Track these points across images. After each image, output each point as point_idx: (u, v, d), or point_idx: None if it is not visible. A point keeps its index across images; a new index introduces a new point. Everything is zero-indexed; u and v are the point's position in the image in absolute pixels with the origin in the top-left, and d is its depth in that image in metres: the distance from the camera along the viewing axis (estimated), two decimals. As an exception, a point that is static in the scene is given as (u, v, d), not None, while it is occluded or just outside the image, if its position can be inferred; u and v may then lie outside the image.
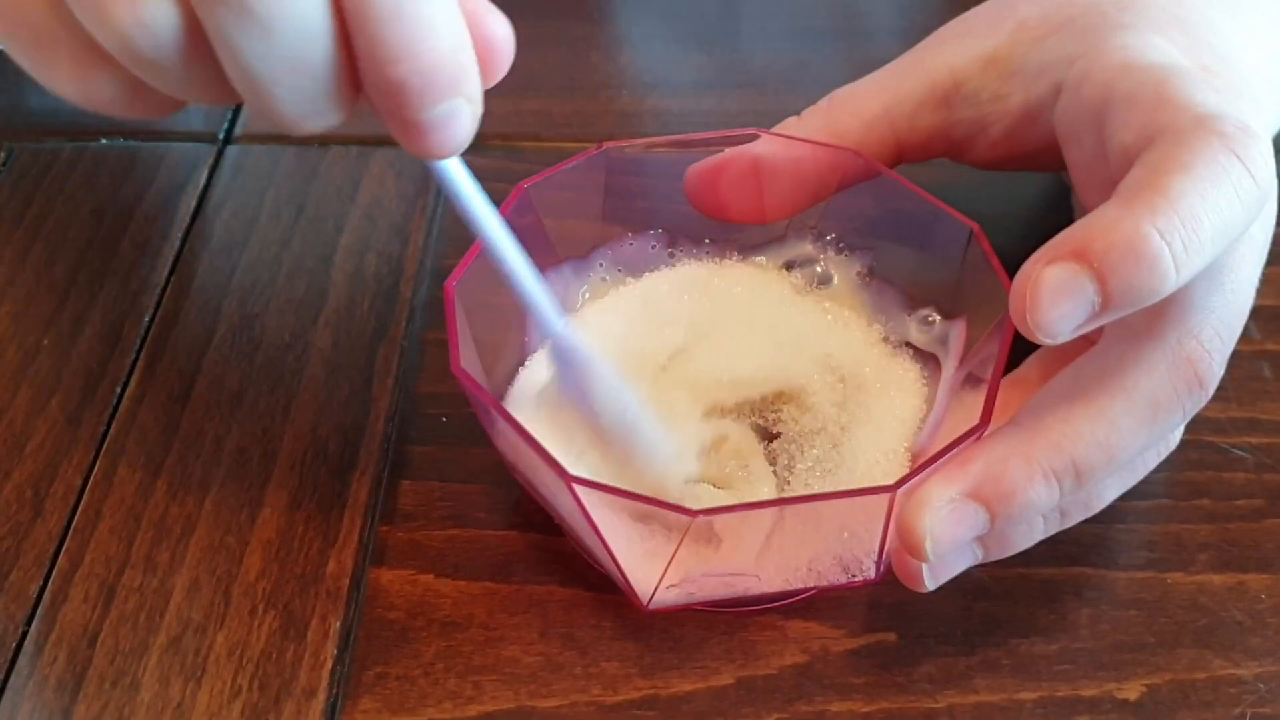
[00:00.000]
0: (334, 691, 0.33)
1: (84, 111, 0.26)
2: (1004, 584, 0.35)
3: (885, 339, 0.37)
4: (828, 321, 0.38)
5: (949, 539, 0.30)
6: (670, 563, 0.32)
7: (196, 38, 0.25)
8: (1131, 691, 0.33)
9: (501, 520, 0.37)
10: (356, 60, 0.25)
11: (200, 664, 0.33)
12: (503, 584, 0.35)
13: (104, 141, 0.49)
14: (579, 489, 0.29)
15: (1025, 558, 0.35)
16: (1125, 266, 0.28)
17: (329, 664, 0.33)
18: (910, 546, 0.30)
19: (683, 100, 0.51)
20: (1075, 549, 0.36)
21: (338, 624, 0.34)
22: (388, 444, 0.39)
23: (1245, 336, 0.41)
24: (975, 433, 0.30)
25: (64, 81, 0.26)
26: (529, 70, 0.52)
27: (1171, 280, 0.28)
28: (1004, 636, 0.34)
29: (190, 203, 0.47)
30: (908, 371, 0.37)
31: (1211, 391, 0.31)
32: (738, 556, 0.32)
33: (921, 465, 0.30)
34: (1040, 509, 0.30)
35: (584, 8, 0.55)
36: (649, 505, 0.30)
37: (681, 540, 0.31)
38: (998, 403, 0.31)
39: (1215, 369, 0.31)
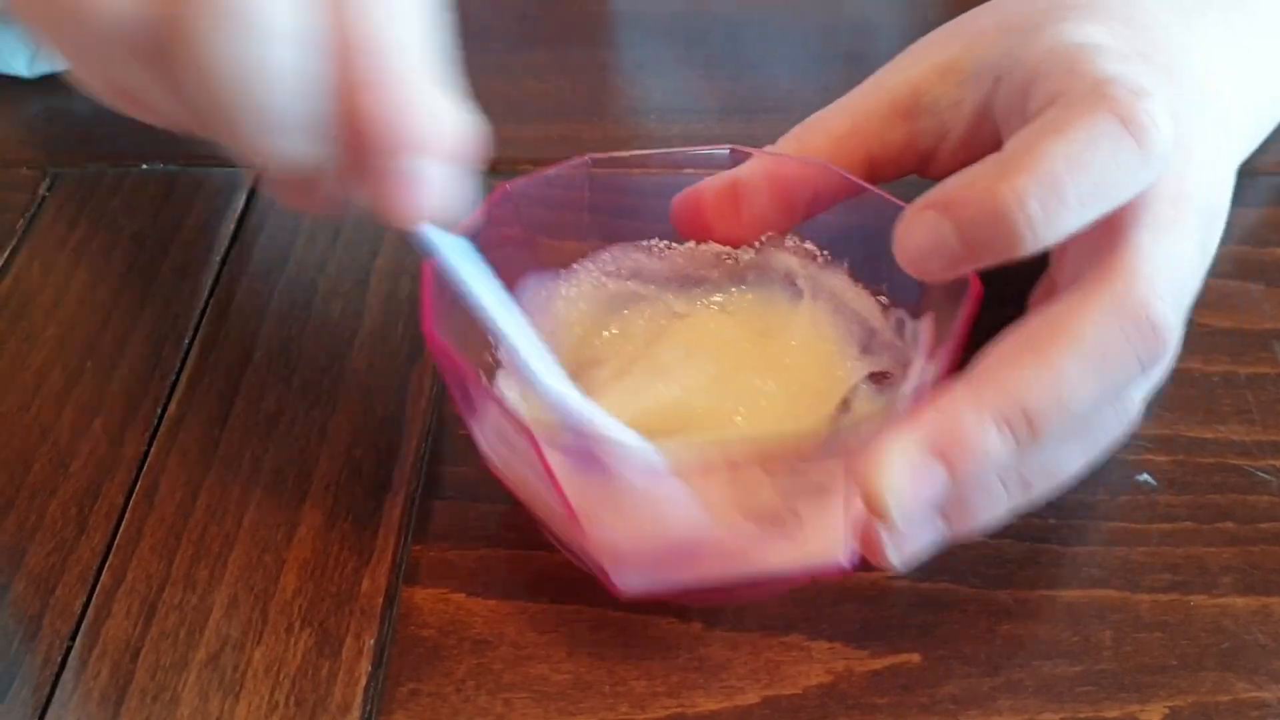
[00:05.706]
0: (368, 708, 0.34)
1: (126, 137, 0.27)
2: (1027, 606, 0.35)
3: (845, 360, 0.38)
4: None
5: (910, 494, 0.29)
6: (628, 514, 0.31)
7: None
8: (1154, 713, 0.33)
9: (531, 540, 0.37)
10: (333, 86, 0.25)
11: (238, 680, 0.34)
12: (532, 603, 0.36)
13: (145, 167, 0.50)
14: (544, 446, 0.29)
15: (1049, 580, 0.36)
16: (978, 222, 0.30)
17: (363, 680, 0.34)
18: (872, 504, 0.29)
19: (709, 125, 0.52)
20: (1099, 571, 0.36)
21: (372, 641, 0.35)
22: (421, 464, 0.39)
23: (1270, 359, 0.42)
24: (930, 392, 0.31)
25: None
26: (556, 96, 0.53)
27: (1028, 238, 0.30)
28: (1027, 658, 0.34)
29: (229, 227, 0.48)
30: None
31: (1169, 343, 0.31)
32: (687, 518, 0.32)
33: (880, 422, 0.30)
34: (996, 462, 0.30)
35: (609, 35, 0.56)
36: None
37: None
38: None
39: (1170, 317, 0.31)
